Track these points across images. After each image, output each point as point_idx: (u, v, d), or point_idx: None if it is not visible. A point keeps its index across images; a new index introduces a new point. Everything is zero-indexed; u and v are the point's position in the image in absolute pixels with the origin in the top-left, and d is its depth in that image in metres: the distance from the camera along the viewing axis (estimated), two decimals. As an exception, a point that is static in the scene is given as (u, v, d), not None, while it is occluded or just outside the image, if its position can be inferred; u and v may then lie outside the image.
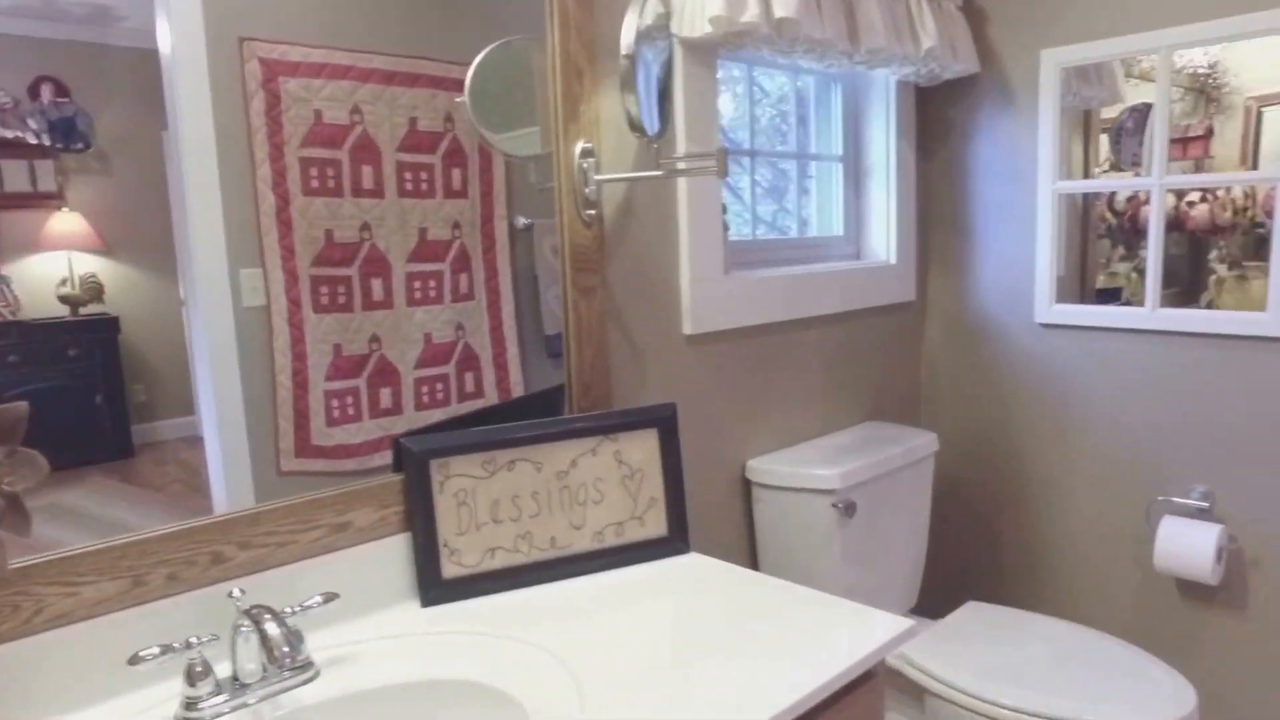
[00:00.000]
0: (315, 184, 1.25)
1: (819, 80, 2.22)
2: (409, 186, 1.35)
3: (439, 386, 1.42)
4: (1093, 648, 1.81)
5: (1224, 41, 1.88)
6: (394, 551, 1.32)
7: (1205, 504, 1.98)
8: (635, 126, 1.44)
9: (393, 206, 1.34)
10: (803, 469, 1.82)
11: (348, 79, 1.27)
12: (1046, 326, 2.18)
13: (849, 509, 1.79)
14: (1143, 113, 2.22)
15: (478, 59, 1.40)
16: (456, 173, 1.42)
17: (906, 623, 1.19)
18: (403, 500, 1.34)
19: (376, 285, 1.33)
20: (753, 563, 1.94)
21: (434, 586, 1.32)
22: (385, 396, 1.36)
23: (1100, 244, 2.42)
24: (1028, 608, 2.30)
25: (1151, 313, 2.00)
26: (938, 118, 2.32)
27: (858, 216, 2.29)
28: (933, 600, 2.48)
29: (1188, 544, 1.92)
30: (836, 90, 2.23)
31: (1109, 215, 2.33)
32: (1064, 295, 2.22)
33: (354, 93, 1.28)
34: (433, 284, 1.39)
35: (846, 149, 2.25)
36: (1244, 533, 1.95)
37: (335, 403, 1.30)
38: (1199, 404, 1.97)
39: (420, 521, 1.33)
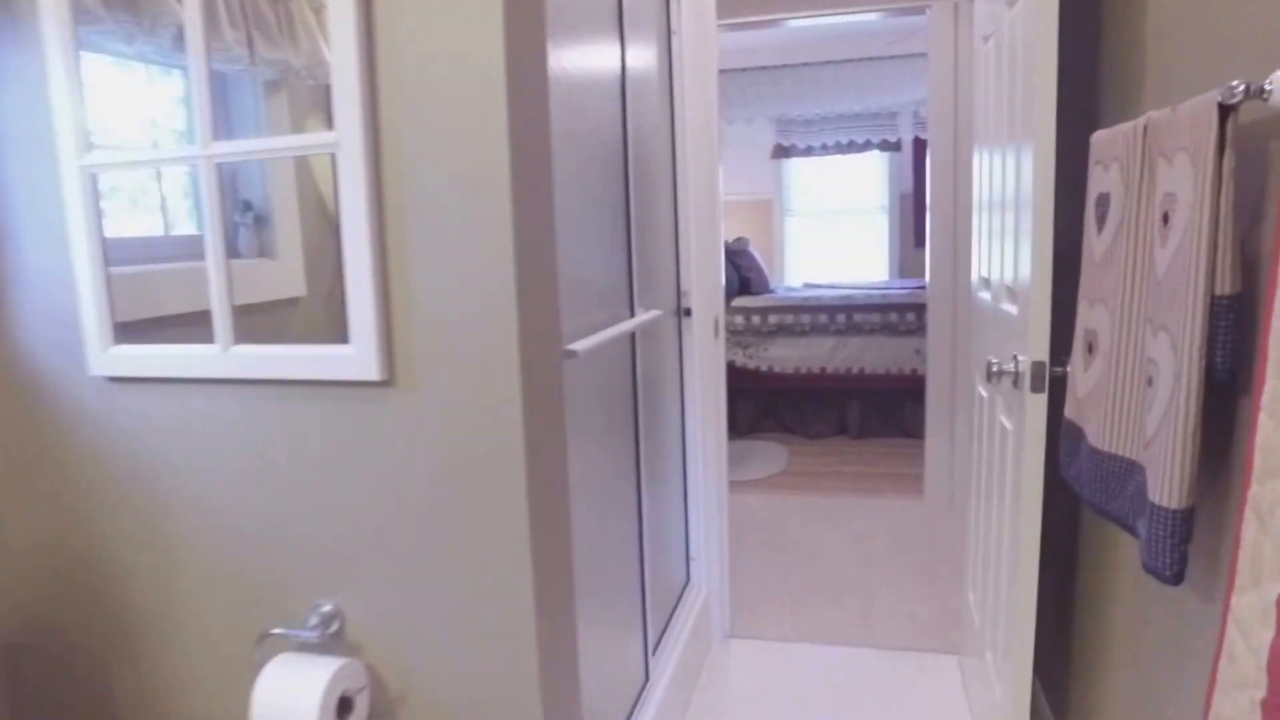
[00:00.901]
0: None
1: None
2: None
3: None
4: None
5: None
6: None
7: (332, 628, 1.34)
8: None
9: None
10: None
11: None
12: (112, 381, 1.41)
13: None
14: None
15: None
16: None
17: None
18: None
19: None
20: None
21: None
22: None
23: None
24: (161, 801, 1.51)
25: (224, 352, 1.31)
26: (-59, 62, 1.46)
27: None
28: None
29: (291, 701, 1.26)
30: None
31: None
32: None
33: None
34: None
35: None
36: (384, 663, 1.34)
37: None
38: (305, 484, 1.33)
39: None
